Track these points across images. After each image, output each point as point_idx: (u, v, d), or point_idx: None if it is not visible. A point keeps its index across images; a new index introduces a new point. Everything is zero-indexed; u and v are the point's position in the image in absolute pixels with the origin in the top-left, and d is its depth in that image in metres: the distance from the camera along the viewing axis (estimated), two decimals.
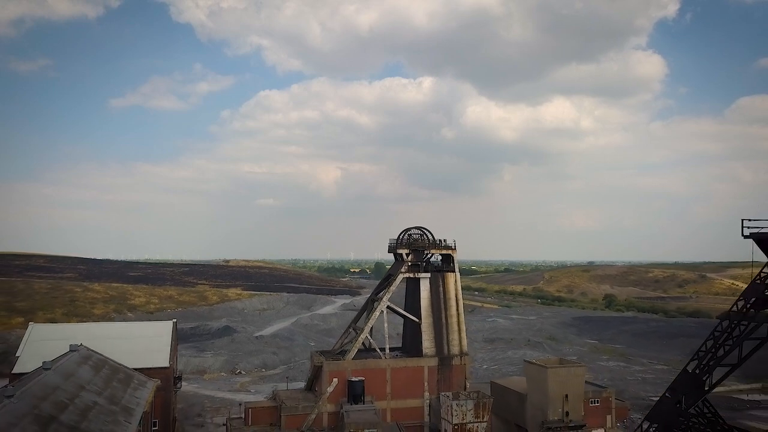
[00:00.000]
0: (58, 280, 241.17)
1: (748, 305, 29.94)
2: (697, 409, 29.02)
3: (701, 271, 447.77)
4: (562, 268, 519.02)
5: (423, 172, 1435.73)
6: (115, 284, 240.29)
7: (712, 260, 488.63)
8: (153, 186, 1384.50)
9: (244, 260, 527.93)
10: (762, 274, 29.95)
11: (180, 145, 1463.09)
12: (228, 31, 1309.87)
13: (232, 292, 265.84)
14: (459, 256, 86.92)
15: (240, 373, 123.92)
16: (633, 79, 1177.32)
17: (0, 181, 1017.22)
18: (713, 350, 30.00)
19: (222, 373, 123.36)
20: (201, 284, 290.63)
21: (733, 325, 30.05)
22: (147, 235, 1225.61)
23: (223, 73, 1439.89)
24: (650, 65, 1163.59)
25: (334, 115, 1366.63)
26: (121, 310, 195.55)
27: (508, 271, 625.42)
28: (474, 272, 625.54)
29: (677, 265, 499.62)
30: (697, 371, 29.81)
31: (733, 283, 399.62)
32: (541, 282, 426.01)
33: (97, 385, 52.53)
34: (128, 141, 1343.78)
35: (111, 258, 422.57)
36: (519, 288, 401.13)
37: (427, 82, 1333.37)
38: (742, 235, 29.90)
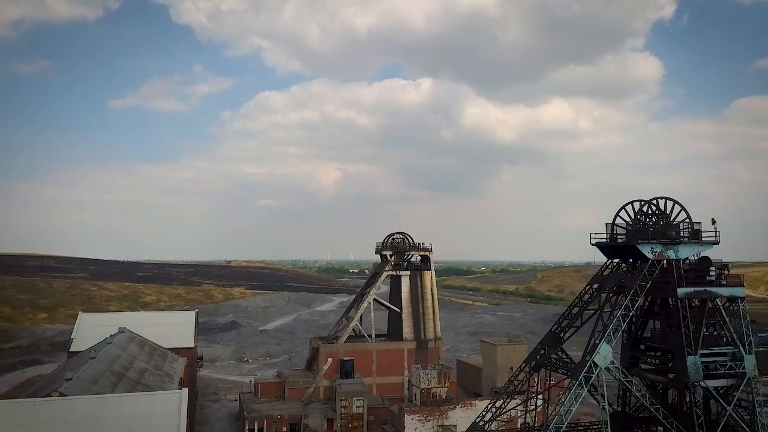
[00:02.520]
0: (72, 279, 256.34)
1: (592, 289, 44.93)
2: (556, 355, 43.98)
3: None
4: (556, 268, 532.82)
5: (422, 173, 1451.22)
6: (127, 283, 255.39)
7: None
8: (153, 187, 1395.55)
9: (245, 261, 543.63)
10: (603, 269, 45.12)
11: (180, 146, 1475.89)
12: (227, 32, 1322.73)
13: (236, 291, 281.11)
14: (458, 257, 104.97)
15: (247, 361, 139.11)
16: (631, 81, 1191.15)
17: (0, 181, 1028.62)
18: (568, 317, 45.06)
19: (231, 361, 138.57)
20: (206, 283, 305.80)
21: (582, 301, 45.07)
22: (147, 236, 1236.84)
23: (223, 74, 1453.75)
24: (647, 67, 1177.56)
25: (334, 116, 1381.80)
26: (135, 308, 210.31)
27: (505, 271, 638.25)
28: (471, 272, 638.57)
29: None
30: (557, 330, 44.93)
31: None
32: (534, 282, 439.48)
33: (144, 357, 68.05)
34: (128, 142, 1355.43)
35: (112, 259, 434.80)
36: (512, 287, 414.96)
37: (426, 83, 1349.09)
38: (590, 243, 45.11)
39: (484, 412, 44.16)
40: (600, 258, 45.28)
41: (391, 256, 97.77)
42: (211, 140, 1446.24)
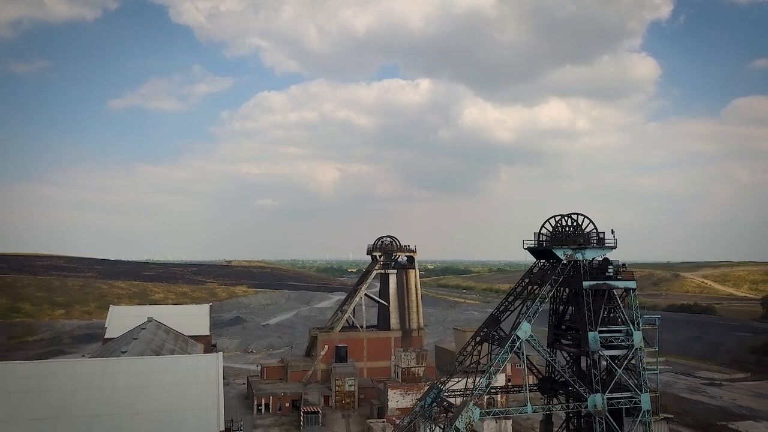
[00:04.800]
0: (84, 278, 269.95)
1: (525, 283, 58.37)
2: (495, 332, 57.45)
3: (677, 270, 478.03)
4: None
5: (421, 173, 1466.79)
6: (136, 282, 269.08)
7: (710, 260, 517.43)
8: (153, 186, 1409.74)
9: (246, 260, 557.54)
10: (533, 267, 58.58)
11: (179, 146, 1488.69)
12: (226, 32, 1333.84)
13: (238, 289, 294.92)
14: (456, 257, 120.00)
15: (252, 351, 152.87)
16: (628, 81, 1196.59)
17: (0, 181, 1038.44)
18: (504, 304, 58.55)
19: (237, 352, 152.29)
20: (210, 282, 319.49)
21: (516, 292, 58.54)
22: (147, 236, 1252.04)
23: (222, 74, 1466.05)
24: (644, 67, 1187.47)
25: (333, 116, 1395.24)
26: (145, 304, 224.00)
27: (500, 270, 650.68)
28: (468, 272, 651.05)
29: (655, 265, 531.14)
30: (496, 313, 58.42)
31: (703, 282, 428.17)
32: None
33: (171, 341, 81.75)
34: (128, 142, 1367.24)
35: (113, 258, 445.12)
36: (505, 286, 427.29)
37: (425, 83, 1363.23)
38: (523, 247, 58.49)
39: (439, 375, 57.80)
40: (531, 258, 59.22)
41: (380, 256, 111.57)
42: (210, 140, 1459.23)
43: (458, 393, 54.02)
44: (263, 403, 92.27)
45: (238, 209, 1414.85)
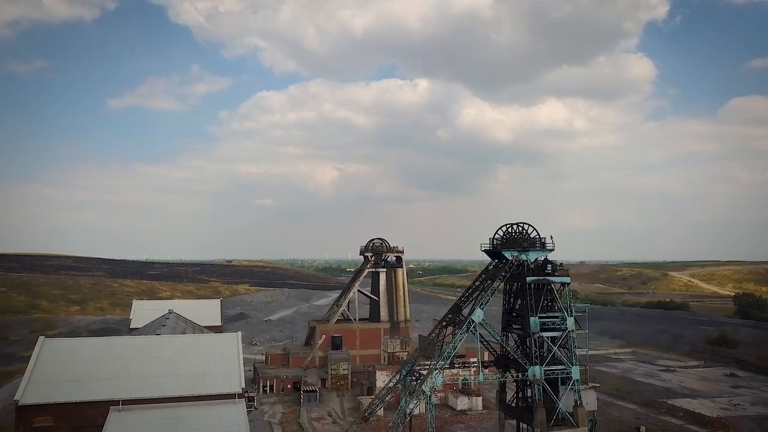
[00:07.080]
0: (94, 277, 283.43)
1: (482, 278, 71.87)
2: (457, 317, 70.97)
3: (666, 269, 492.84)
4: None
5: (420, 173, 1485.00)
6: (143, 281, 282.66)
7: (709, 259, 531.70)
8: (153, 186, 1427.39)
9: (246, 260, 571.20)
10: (489, 265, 72.10)
11: (178, 146, 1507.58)
12: (225, 33, 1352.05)
13: (241, 287, 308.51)
14: (455, 256, 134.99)
15: (255, 344, 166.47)
16: (625, 81, 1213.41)
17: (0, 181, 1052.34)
18: (465, 294, 72.14)
19: (242, 344, 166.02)
20: (213, 281, 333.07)
21: (474, 285, 72.14)
22: (147, 236, 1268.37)
23: (221, 74, 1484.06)
24: (641, 67, 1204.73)
25: (332, 116, 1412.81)
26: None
27: None
28: (465, 271, 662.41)
29: (644, 265, 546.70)
30: (458, 302, 72.02)
31: (690, 281, 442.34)
32: None
33: (190, 330, 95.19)
34: (127, 142, 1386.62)
35: (115, 258, 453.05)
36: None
37: (423, 83, 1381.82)
38: (481, 249, 71.89)
39: (416, 354, 71.57)
40: (487, 259, 73.15)
41: (371, 256, 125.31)
42: (209, 140, 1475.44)
43: (427, 366, 67.65)
44: (268, 384, 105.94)
45: (237, 209, 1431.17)
